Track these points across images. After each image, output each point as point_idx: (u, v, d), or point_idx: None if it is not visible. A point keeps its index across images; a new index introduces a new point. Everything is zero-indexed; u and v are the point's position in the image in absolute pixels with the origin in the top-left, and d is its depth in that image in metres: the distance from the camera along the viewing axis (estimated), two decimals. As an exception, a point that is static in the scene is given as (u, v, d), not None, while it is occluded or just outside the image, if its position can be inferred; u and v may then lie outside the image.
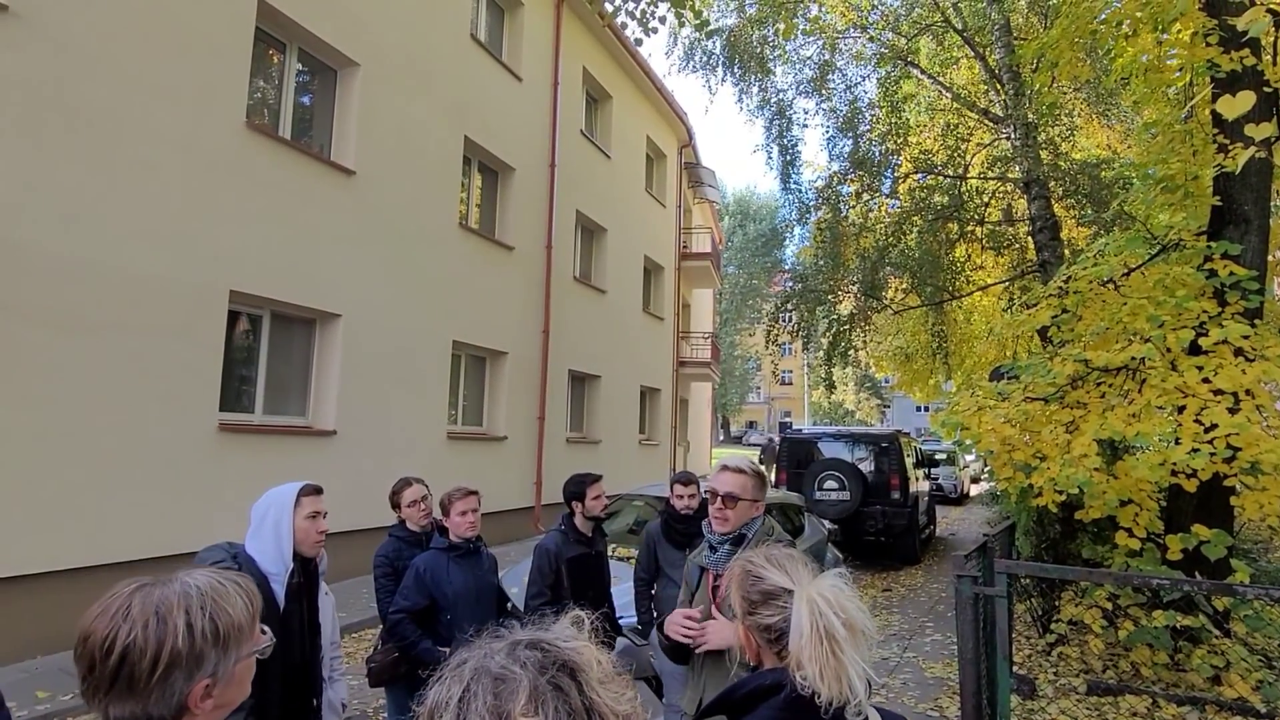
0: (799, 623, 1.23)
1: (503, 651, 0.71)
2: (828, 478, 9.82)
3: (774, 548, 1.53)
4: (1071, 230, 11.78)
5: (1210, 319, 4.96)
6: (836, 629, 1.18)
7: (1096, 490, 4.83)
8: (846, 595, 1.23)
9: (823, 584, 1.29)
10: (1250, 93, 2.48)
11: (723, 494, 2.29)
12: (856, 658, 1.18)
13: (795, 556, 1.46)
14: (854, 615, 1.21)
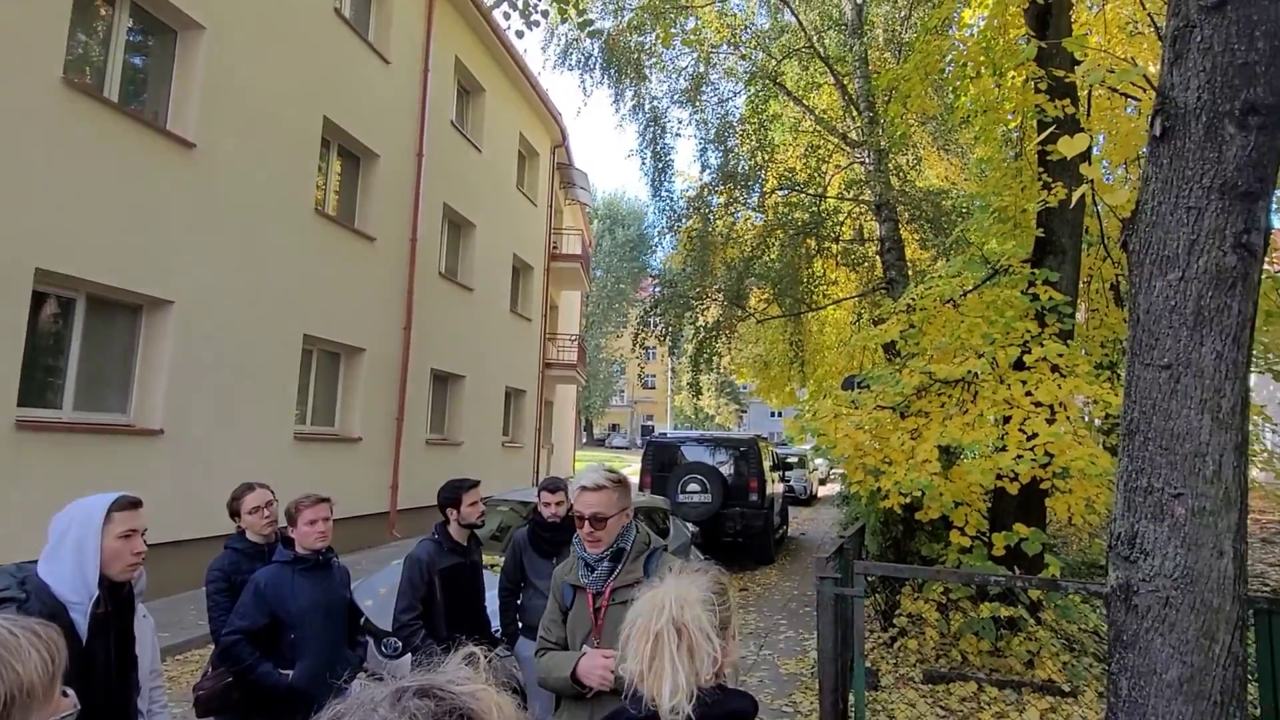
0: (634, 613, 1.23)
1: (386, 702, 0.60)
2: (691, 481, 10.03)
3: (685, 575, 1.46)
4: (915, 252, 12.78)
5: (1033, 338, 5.50)
6: (666, 633, 1.17)
7: (935, 493, 5.22)
8: (696, 605, 1.21)
9: (683, 588, 1.27)
10: (1085, 135, 2.74)
11: (589, 516, 2.19)
12: (680, 665, 1.16)
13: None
14: (690, 625, 1.19)
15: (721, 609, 1.35)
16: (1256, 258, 2.46)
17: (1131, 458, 2.52)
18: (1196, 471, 2.37)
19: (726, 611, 1.37)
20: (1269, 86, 2.46)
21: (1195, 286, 2.43)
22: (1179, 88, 2.56)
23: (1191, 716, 2.28)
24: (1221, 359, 2.41)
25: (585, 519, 2.19)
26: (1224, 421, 2.39)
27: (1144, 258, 2.57)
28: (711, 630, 1.20)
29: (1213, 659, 2.29)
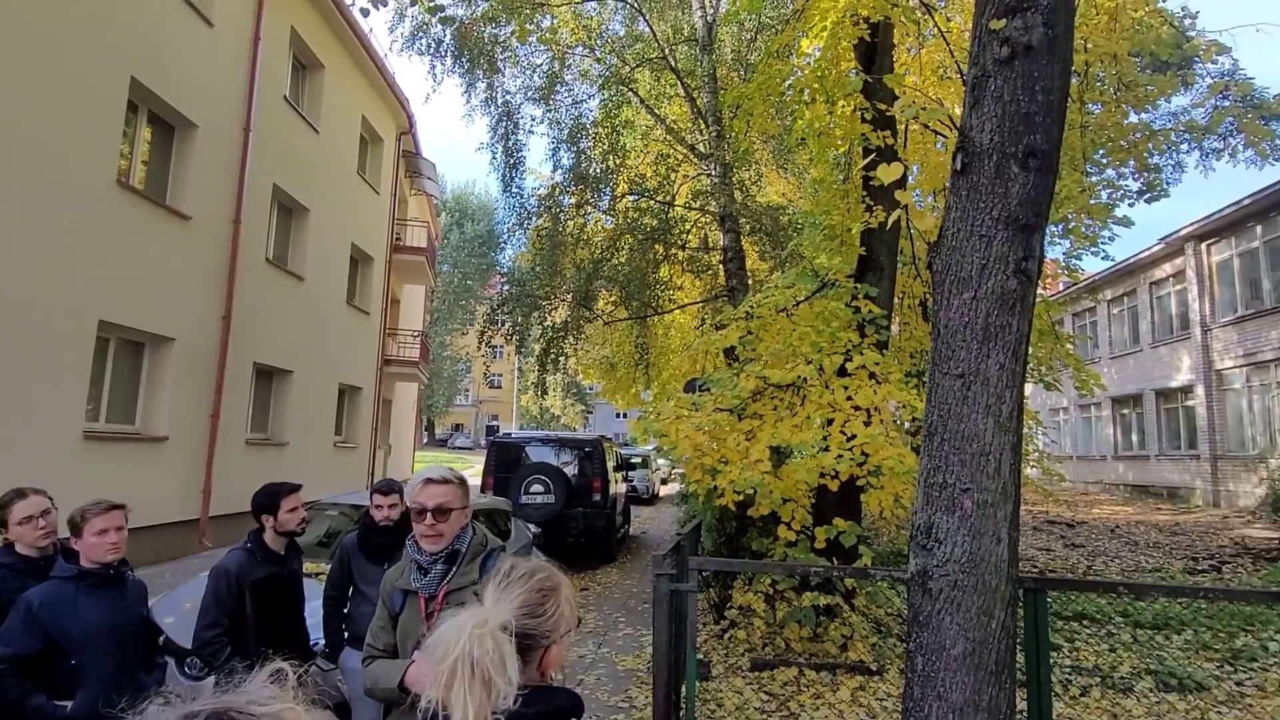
0: (434, 639, 1.20)
1: (174, 728, 0.53)
2: (534, 481, 9.96)
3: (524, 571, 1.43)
4: (755, 262, 13.49)
5: (854, 347, 5.98)
6: (461, 666, 1.16)
7: (766, 490, 5.54)
8: (490, 639, 1.19)
9: (490, 612, 1.26)
10: (900, 164, 3.03)
11: (432, 508, 2.12)
12: (471, 699, 1.15)
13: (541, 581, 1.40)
14: (484, 659, 1.17)
15: (543, 620, 1.32)
16: (1033, 282, 2.83)
17: (930, 456, 2.80)
18: (982, 468, 2.68)
19: (549, 622, 1.33)
20: (1045, 134, 2.84)
21: (985, 305, 2.75)
22: (976, 129, 2.89)
23: (973, 685, 2.58)
24: (1004, 370, 2.74)
25: (428, 511, 2.12)
26: (1004, 425, 2.72)
27: (945, 278, 2.88)
28: (509, 661, 1.18)
29: (990, 633, 2.60)
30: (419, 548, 2.16)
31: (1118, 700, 4.92)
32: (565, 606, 1.41)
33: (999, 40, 2.84)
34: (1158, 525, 13.81)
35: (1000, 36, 2.84)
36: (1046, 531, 12.90)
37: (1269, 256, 16.00)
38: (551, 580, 1.42)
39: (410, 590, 2.14)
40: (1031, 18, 2.80)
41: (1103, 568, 9.88)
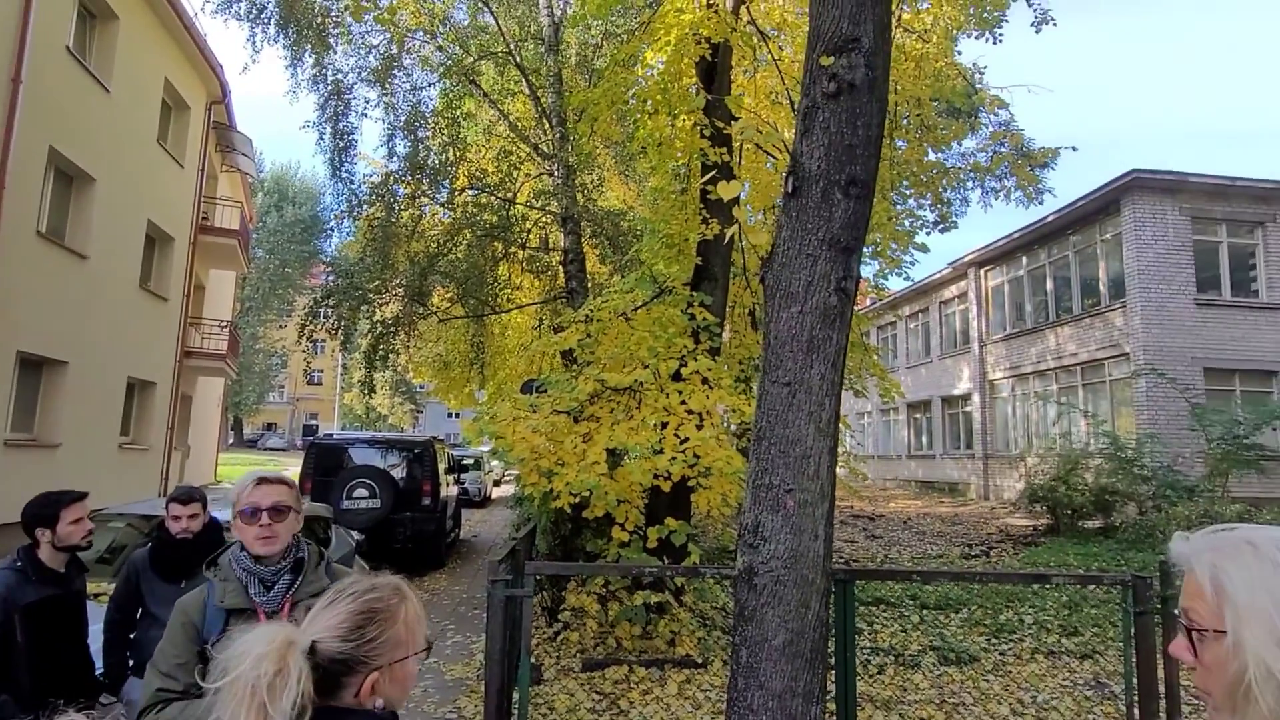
0: (234, 649, 1.13)
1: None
2: (359, 486, 9.41)
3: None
4: (596, 265, 13.63)
5: (689, 353, 6.22)
6: (242, 685, 1.10)
7: (602, 492, 5.61)
8: (279, 664, 1.13)
9: (302, 633, 1.18)
10: (739, 182, 3.19)
11: (268, 507, 1.96)
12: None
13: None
14: (263, 686, 1.11)
15: (362, 644, 1.20)
16: (850, 300, 3.09)
17: (759, 459, 2.98)
18: (804, 470, 2.88)
19: (371, 647, 1.21)
20: (865, 166, 3.11)
21: (810, 319, 2.97)
22: (806, 155, 3.11)
23: (791, 673, 2.77)
24: (824, 379, 2.97)
25: (263, 510, 1.95)
26: (824, 430, 2.94)
27: (775, 292, 3.07)
28: (291, 685, 1.10)
29: (807, 624, 2.80)
30: (253, 558, 1.98)
31: (908, 676, 5.49)
32: (399, 630, 1.26)
33: (827, 76, 3.08)
34: (941, 517, 15.60)
35: (829, 72, 3.08)
36: (851, 525, 14.14)
37: (1030, 284, 18.64)
38: (383, 601, 1.28)
39: (242, 609, 1.94)
40: (855, 58, 3.06)
41: (897, 556, 10.99)
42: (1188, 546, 0.97)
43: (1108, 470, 12.79)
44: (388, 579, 1.34)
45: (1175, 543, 1.00)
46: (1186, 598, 0.97)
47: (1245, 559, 0.90)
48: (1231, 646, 0.89)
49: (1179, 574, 0.99)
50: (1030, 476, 14.45)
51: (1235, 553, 0.92)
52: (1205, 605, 0.93)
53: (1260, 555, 0.90)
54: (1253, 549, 0.91)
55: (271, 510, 1.96)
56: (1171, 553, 1.00)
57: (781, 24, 8.65)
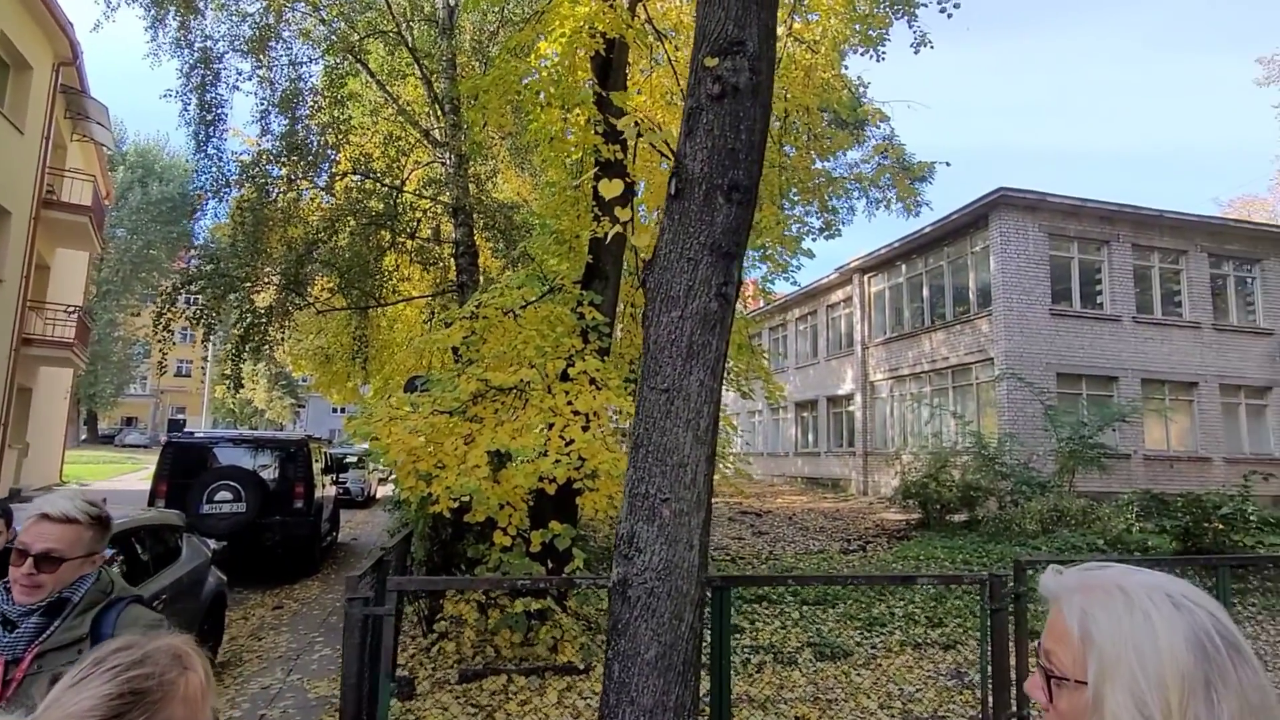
0: None
1: None
2: (221, 489, 8.71)
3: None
4: (488, 259, 13.25)
5: (577, 353, 6.10)
6: None
7: (484, 496, 5.40)
8: None
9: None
10: (620, 181, 3.10)
11: (37, 553, 1.64)
12: None
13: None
14: None
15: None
16: (731, 305, 3.06)
17: (635, 467, 2.90)
18: (680, 479, 2.82)
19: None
20: (747, 171, 3.09)
21: (689, 325, 2.91)
22: (689, 158, 3.05)
23: (662, 687, 2.70)
24: (703, 386, 2.92)
25: (30, 556, 1.63)
26: (701, 438, 2.90)
27: (656, 296, 3.00)
28: None
29: (680, 636, 2.74)
30: (6, 596, 1.67)
31: (785, 673, 5.61)
32: (176, 710, 0.97)
33: (712, 77, 3.03)
34: (824, 512, 16.22)
35: (713, 74, 3.03)
36: (740, 522, 14.46)
37: (909, 291, 19.69)
38: (154, 678, 0.97)
39: None
40: (740, 61, 3.03)
41: (781, 552, 11.31)
42: (1057, 583, 0.91)
43: (973, 468, 13.68)
44: (167, 643, 1.04)
45: (1047, 575, 0.94)
46: (1050, 639, 0.91)
47: (1116, 607, 0.84)
48: (1091, 700, 0.83)
49: (1045, 600, 0.94)
50: (905, 474, 15.26)
51: (1107, 599, 0.85)
52: (1069, 652, 0.87)
53: (1132, 605, 0.83)
54: (1125, 597, 0.85)
55: (40, 559, 1.65)
56: (1041, 585, 0.93)
57: (678, 25, 8.66)
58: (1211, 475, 15.91)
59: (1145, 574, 0.88)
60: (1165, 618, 0.81)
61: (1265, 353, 17.48)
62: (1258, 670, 0.81)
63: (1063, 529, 11.51)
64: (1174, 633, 0.80)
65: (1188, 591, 0.85)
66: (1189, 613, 0.82)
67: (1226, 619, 0.83)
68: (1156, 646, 0.80)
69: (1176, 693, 0.78)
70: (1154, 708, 0.78)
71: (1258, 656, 2.79)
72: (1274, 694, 0.81)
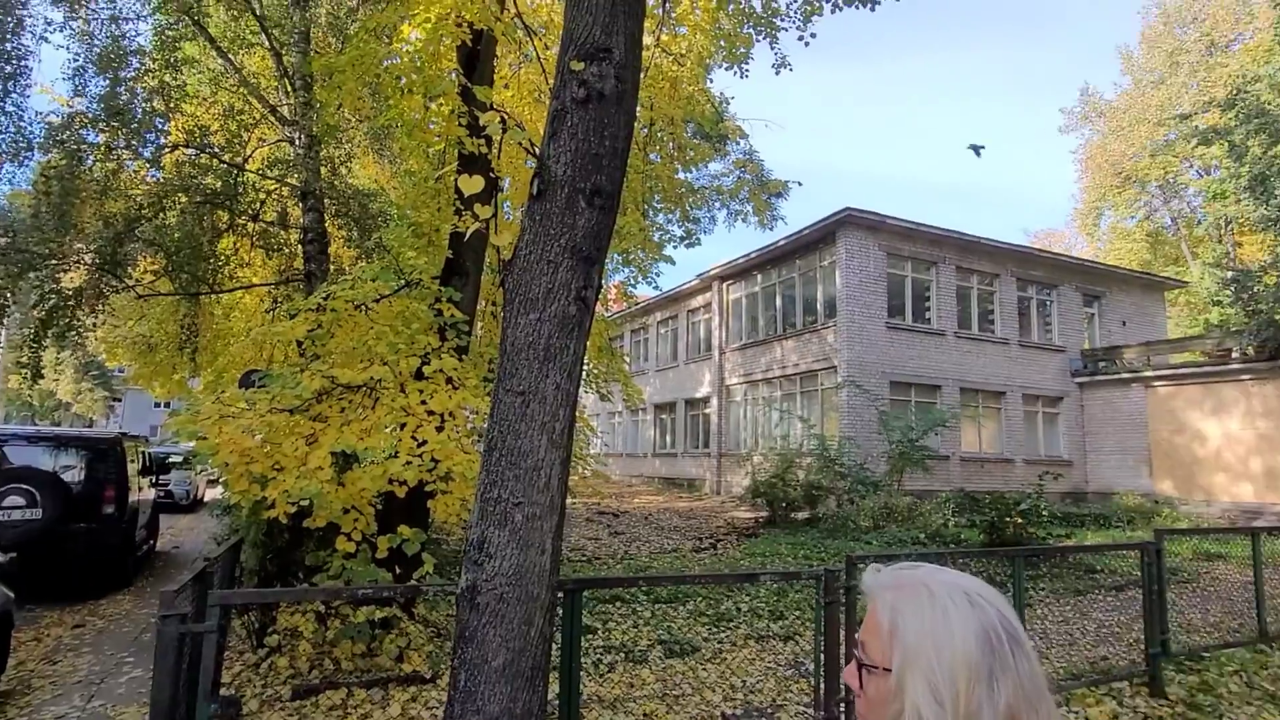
0: None
1: None
2: (10, 493, 7.64)
3: None
4: (339, 248, 12.52)
5: (433, 351, 5.90)
6: None
7: (326, 500, 5.09)
8: None
9: None
10: (481, 177, 3.03)
11: None
12: None
13: None
14: None
15: None
16: (590, 309, 3.08)
17: (489, 471, 2.84)
18: (534, 483, 2.80)
19: None
20: (610, 177, 3.12)
21: (547, 328, 2.90)
22: (553, 160, 3.04)
23: (509, 694, 2.67)
24: (560, 389, 2.92)
25: None
26: (557, 441, 2.89)
27: (515, 297, 2.96)
28: None
29: (529, 641, 2.72)
30: None
31: (636, 672, 5.71)
32: None
33: (578, 81, 3.04)
34: (679, 511, 16.69)
35: (579, 78, 3.04)
36: (597, 522, 14.57)
37: (763, 300, 20.70)
38: None
39: None
40: (606, 68, 3.05)
41: (637, 551, 11.51)
42: (874, 580, 1.00)
43: (816, 468, 14.59)
44: None
45: (867, 574, 1.02)
46: (865, 631, 0.99)
47: (920, 603, 0.93)
48: (894, 687, 0.91)
49: (865, 595, 1.02)
50: (755, 474, 16.01)
51: (913, 595, 0.94)
52: (878, 643, 0.95)
53: (935, 602, 0.92)
54: (929, 594, 0.93)
55: None
56: (862, 582, 1.02)
57: (548, 23, 8.60)
58: (1014, 475, 17.92)
59: (949, 574, 0.98)
60: (961, 614, 0.91)
61: (1059, 367, 19.93)
62: (1033, 660, 0.92)
63: (891, 524, 12.52)
64: (967, 627, 0.90)
65: (982, 590, 0.95)
66: (981, 610, 0.92)
67: (1011, 614, 0.94)
68: (951, 640, 0.89)
69: (964, 680, 0.87)
70: (945, 693, 0.87)
71: (1045, 635, 3.18)
72: (1044, 680, 0.92)
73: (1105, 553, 9.86)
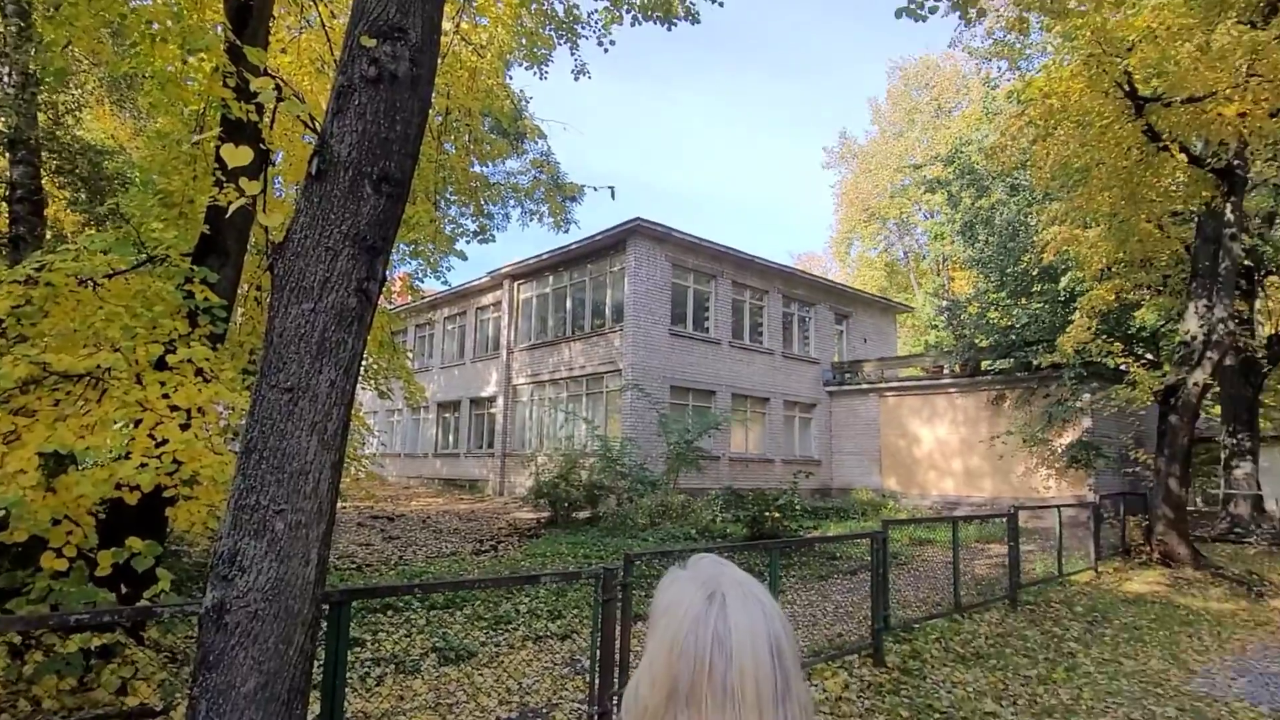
0: None
1: None
2: None
3: None
4: (61, 210, 10.60)
5: (181, 338, 5.19)
6: None
7: (30, 510, 4.28)
8: None
9: None
10: (249, 149, 2.73)
11: None
12: None
13: None
14: None
15: None
16: (372, 302, 2.90)
17: (246, 477, 2.56)
18: (299, 488, 2.57)
19: None
20: (400, 164, 2.96)
21: (323, 319, 2.68)
22: (337, 139, 2.83)
23: (264, 719, 2.42)
24: (334, 387, 2.71)
25: None
26: (328, 443, 2.68)
27: (285, 284, 2.70)
28: None
29: (287, 661, 2.49)
30: None
31: (408, 683, 5.46)
32: None
33: (369, 59, 2.86)
34: (459, 514, 16.24)
35: (370, 55, 2.86)
36: (370, 527, 13.72)
37: (554, 301, 20.86)
38: None
39: None
40: (400, 49, 2.90)
41: (413, 556, 11.01)
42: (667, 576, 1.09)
43: (598, 468, 14.97)
44: None
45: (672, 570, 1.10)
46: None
47: (662, 584, 1.04)
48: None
49: (650, 588, 1.10)
50: (539, 474, 16.05)
51: (670, 581, 1.04)
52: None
53: (674, 582, 1.03)
54: (669, 577, 1.05)
55: None
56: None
57: (337, -10, 7.98)
58: (773, 473, 19.76)
59: (701, 561, 1.06)
60: (687, 594, 1.00)
61: (814, 377, 22.32)
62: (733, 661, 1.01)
63: (666, 521, 13.21)
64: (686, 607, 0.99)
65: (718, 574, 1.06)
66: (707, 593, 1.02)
67: (731, 614, 1.03)
68: (677, 612, 0.97)
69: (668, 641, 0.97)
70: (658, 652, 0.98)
71: (794, 618, 3.51)
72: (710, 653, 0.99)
73: (844, 542, 11.21)
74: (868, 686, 5.77)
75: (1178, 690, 6.06)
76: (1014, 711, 5.40)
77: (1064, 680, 6.13)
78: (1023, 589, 8.95)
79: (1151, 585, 10.46)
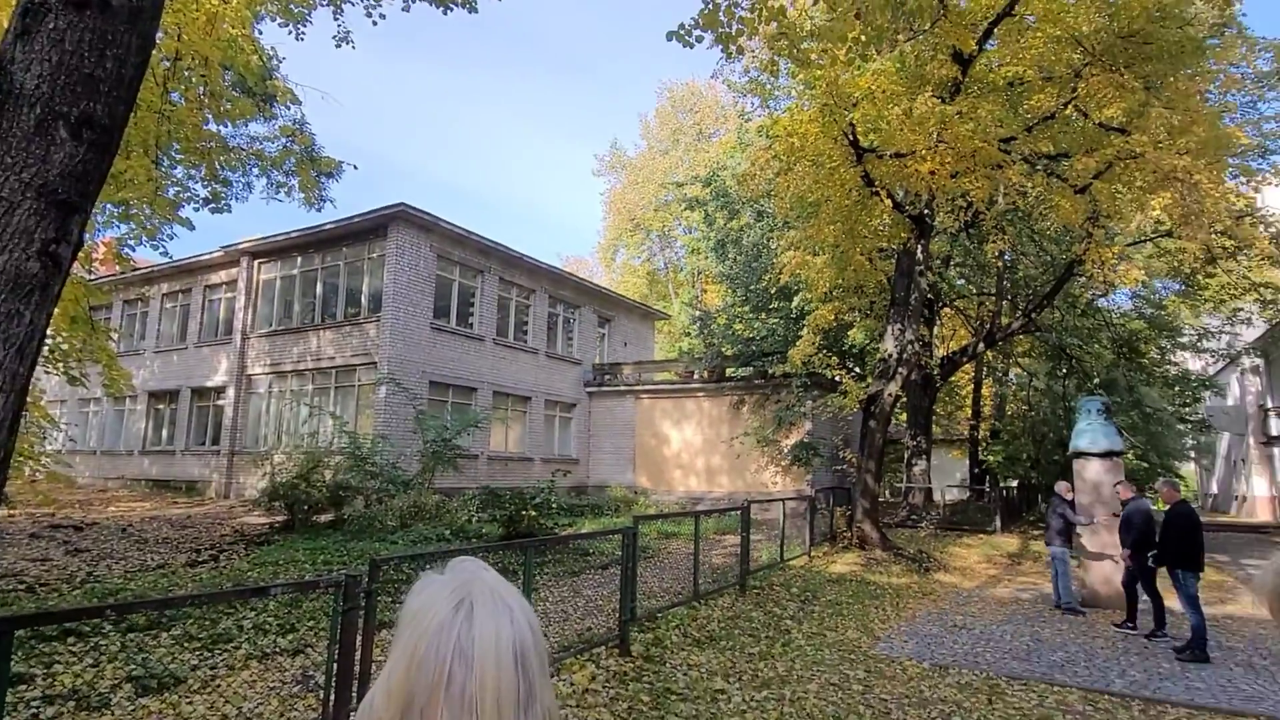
0: None
1: None
2: None
3: None
4: None
5: None
6: None
7: None
8: None
9: None
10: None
11: None
12: None
13: None
14: None
15: None
16: (61, 270, 2.42)
17: None
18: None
19: None
20: (109, 108, 2.51)
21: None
22: (20, 66, 2.32)
23: None
24: (4, 370, 2.22)
25: None
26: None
27: (-67, 237, 2.15)
28: None
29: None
30: None
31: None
32: None
33: (71, -24, 2.38)
34: (171, 520, 14.14)
35: (74, -27, 2.38)
36: (48, 538, 11.42)
37: (302, 284, 19.05)
38: None
39: None
40: (116, -26, 2.46)
41: (106, 572, 9.36)
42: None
43: (345, 467, 13.92)
44: None
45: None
46: None
47: (414, 588, 0.96)
48: None
49: (399, 594, 1.00)
50: (274, 474, 14.51)
51: (423, 584, 0.97)
52: None
53: (415, 587, 0.97)
54: (422, 582, 0.97)
55: None
56: None
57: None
58: (533, 472, 19.85)
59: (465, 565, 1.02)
60: (435, 602, 0.95)
61: (576, 378, 22.84)
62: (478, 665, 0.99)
63: (419, 523, 12.65)
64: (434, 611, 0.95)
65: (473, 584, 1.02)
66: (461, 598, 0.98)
67: (480, 620, 1.00)
68: (421, 621, 0.93)
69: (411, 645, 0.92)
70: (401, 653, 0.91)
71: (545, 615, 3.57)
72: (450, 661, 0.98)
73: (597, 539, 11.59)
74: (614, 676, 6.02)
75: (866, 654, 7.13)
76: (739, 687, 5.96)
77: (780, 655, 6.91)
78: (751, 575, 9.94)
79: (850, 566, 12.20)
